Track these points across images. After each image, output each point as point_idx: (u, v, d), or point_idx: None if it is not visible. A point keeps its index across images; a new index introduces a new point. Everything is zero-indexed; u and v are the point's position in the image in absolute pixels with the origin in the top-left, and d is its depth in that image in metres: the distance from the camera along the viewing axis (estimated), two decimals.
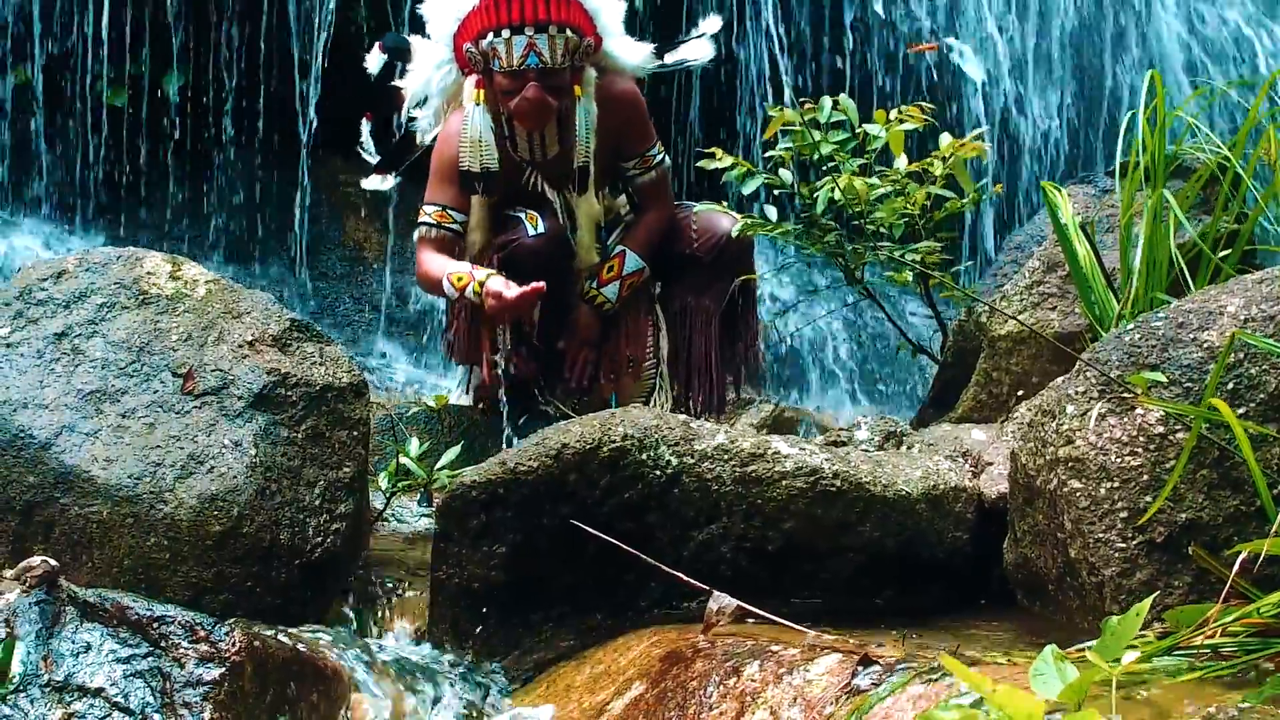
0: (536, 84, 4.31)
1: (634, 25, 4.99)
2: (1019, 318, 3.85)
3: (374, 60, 4.73)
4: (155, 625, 2.59)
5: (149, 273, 3.46)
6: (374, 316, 6.62)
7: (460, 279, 4.38)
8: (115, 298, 3.41)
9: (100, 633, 2.57)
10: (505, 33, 4.31)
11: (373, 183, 4.88)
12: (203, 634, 2.58)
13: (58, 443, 3.20)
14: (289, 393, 3.30)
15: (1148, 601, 1.92)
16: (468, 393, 4.77)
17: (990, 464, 3.23)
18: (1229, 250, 3.52)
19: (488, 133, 4.41)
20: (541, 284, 4.26)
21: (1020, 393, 3.95)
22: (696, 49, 4.70)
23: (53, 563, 2.67)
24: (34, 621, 2.56)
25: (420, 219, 4.56)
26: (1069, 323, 3.92)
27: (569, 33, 4.34)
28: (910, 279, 4.38)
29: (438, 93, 4.62)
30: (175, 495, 3.15)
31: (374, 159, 4.83)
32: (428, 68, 4.59)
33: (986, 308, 4.15)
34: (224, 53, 6.63)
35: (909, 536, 3.04)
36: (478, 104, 4.40)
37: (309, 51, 6.57)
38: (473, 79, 4.44)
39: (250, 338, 3.36)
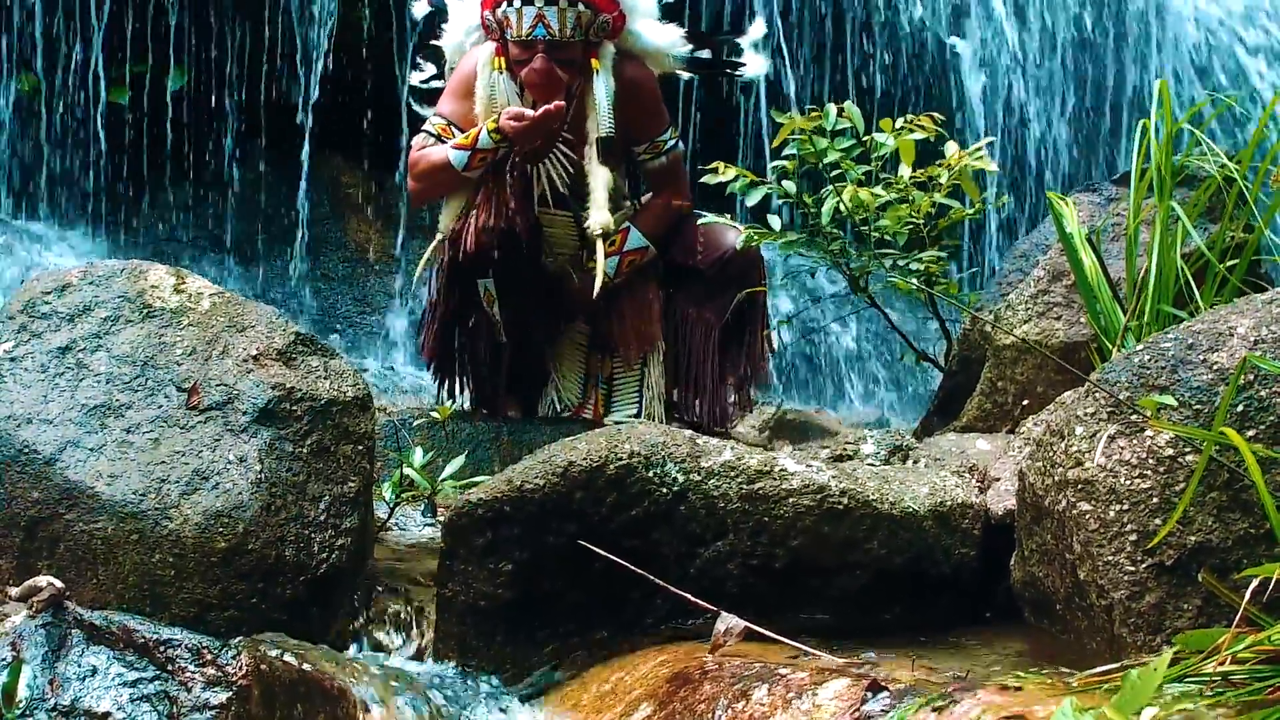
0: (544, 55, 4.35)
1: None
2: (1018, 332, 3.85)
3: (420, 7, 4.76)
4: (162, 648, 2.58)
5: (153, 285, 3.45)
6: (376, 319, 6.61)
7: (467, 136, 4.44)
8: (119, 311, 3.39)
9: (107, 656, 2.56)
10: (516, 2, 4.39)
11: (416, 77, 4.87)
12: (209, 657, 2.57)
13: (62, 458, 3.19)
14: (294, 407, 3.29)
15: (1167, 655, 1.92)
16: (467, 398, 4.76)
17: (997, 479, 3.22)
18: (1236, 260, 3.51)
19: (514, 98, 4.44)
20: (562, 102, 4.33)
21: (1025, 402, 3.95)
22: (750, 60, 4.72)
23: (59, 584, 2.67)
24: (40, 645, 2.56)
25: (424, 126, 4.60)
26: (1074, 332, 3.91)
27: (581, 7, 4.38)
28: (914, 287, 4.37)
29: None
30: (180, 511, 3.13)
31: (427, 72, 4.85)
32: (459, 31, 4.64)
33: (991, 317, 4.14)
34: (225, 52, 6.62)
35: (916, 553, 3.04)
36: (500, 71, 4.43)
37: (310, 51, 6.55)
38: (492, 45, 4.47)
39: (255, 351, 3.35)
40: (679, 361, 4.67)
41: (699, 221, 4.53)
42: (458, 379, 4.74)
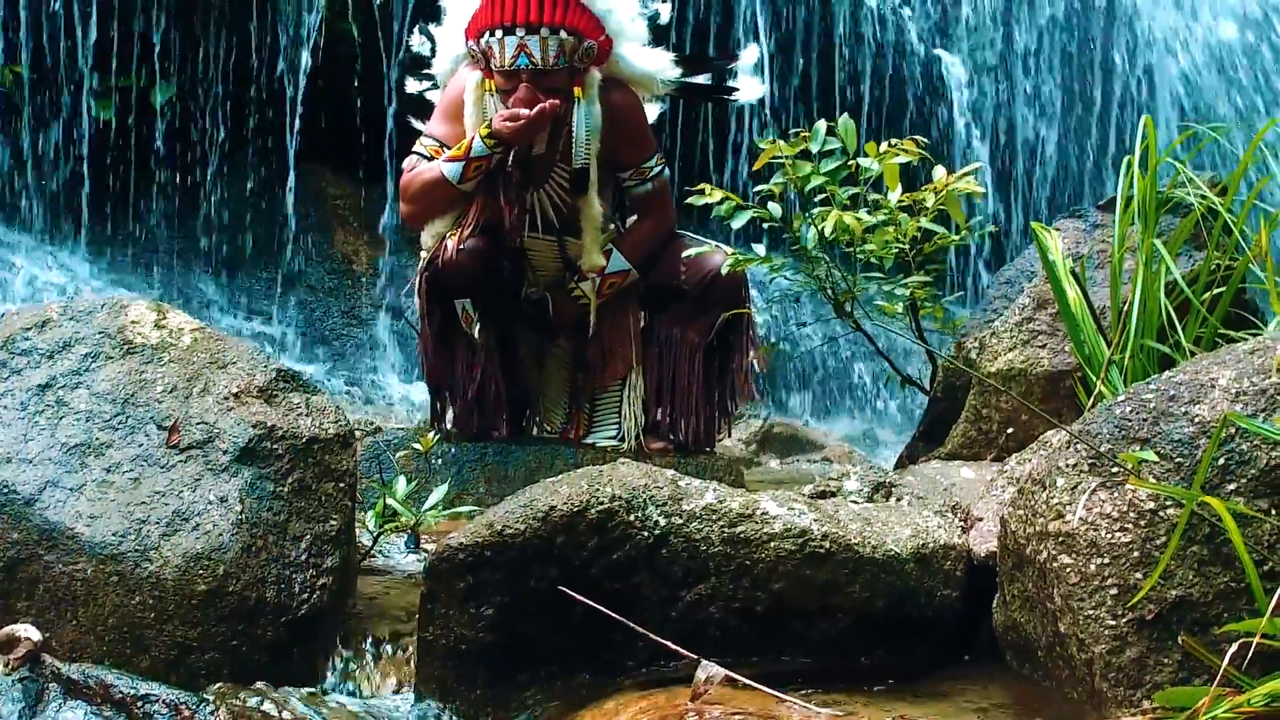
0: (528, 85, 4.33)
1: None
2: (1001, 362, 3.84)
3: (417, 40, 4.77)
4: (139, 704, 2.57)
5: (134, 321, 3.43)
6: (363, 330, 6.60)
7: (460, 147, 4.43)
8: (99, 347, 3.38)
9: (84, 712, 2.55)
10: (498, 33, 4.37)
11: (412, 85, 4.87)
12: (186, 713, 2.56)
13: (42, 498, 3.18)
14: (275, 445, 3.28)
15: None
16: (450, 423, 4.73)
17: (980, 519, 3.21)
18: (1223, 289, 3.50)
19: None
20: (558, 100, 4.32)
21: (1010, 430, 3.94)
22: (746, 85, 4.71)
23: (36, 636, 2.65)
24: (17, 700, 2.55)
25: (415, 148, 4.58)
26: (1059, 361, 3.90)
27: (564, 35, 4.35)
28: (900, 310, 4.36)
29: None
30: (160, 553, 3.12)
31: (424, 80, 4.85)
32: (447, 60, 4.64)
33: (976, 344, 4.13)
34: (212, 66, 6.60)
35: (898, 596, 3.02)
36: (491, 94, 4.42)
37: (297, 63, 6.53)
38: (479, 73, 4.46)
39: (236, 389, 3.33)
40: (663, 382, 4.66)
41: (685, 254, 4.51)
42: (446, 399, 4.72)
